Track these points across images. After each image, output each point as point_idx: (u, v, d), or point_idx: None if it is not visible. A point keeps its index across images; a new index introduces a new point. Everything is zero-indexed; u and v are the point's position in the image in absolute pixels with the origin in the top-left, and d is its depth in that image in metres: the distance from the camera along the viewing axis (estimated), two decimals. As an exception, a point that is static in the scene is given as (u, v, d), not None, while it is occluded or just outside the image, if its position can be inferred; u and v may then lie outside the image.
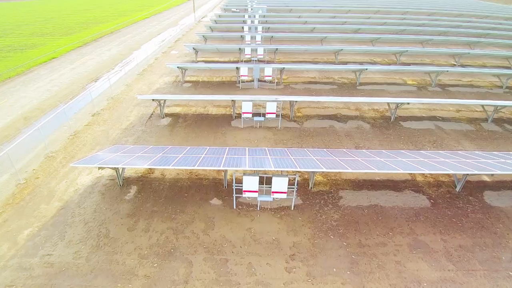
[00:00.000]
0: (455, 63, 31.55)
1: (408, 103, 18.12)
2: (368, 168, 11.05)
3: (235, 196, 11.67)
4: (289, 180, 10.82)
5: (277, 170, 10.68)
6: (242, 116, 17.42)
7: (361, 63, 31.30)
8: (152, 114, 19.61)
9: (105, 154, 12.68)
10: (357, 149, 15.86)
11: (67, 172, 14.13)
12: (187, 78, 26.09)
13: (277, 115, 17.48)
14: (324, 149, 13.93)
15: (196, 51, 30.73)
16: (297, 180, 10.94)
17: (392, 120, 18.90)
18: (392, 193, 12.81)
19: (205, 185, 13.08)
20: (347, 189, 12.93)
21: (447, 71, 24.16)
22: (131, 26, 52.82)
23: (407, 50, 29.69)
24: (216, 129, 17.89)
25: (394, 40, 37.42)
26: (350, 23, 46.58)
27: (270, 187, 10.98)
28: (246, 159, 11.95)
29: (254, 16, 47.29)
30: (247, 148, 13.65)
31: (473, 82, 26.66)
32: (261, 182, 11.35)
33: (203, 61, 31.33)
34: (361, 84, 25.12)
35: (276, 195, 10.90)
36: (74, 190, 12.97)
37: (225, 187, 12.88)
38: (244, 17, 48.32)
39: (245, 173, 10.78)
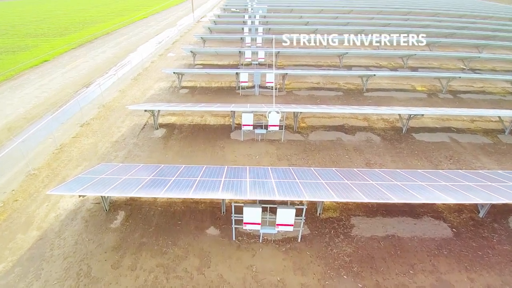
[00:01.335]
0: (464, 67, 30.22)
1: (423, 115, 16.78)
2: (385, 196, 9.73)
3: (235, 227, 10.33)
4: (296, 209, 9.49)
5: (283, 200, 9.37)
6: (243, 128, 16.08)
7: (366, 66, 29.96)
8: (145, 125, 18.24)
9: (89, 176, 11.34)
10: (368, 166, 14.53)
11: (48, 194, 12.76)
12: (184, 84, 24.73)
13: (280, 127, 16.11)
14: (333, 169, 12.60)
15: (194, 54, 29.34)
16: (305, 209, 9.60)
17: (403, 131, 17.57)
18: (409, 221, 11.50)
19: (201, 211, 11.74)
20: (359, 215, 11.61)
21: (460, 77, 22.86)
22: (128, 27, 51.32)
23: (415, 54, 28.36)
24: (214, 142, 16.55)
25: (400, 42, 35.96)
26: (353, 24, 45.17)
27: (274, 218, 9.67)
28: (247, 183, 10.63)
29: (255, 17, 45.87)
30: (247, 168, 12.33)
31: (485, 88, 25.33)
32: (263, 209, 10.02)
33: (201, 64, 29.97)
34: (368, 90, 23.78)
35: (281, 228, 9.59)
36: (55, 216, 11.63)
37: (223, 213, 11.55)
38: (244, 17, 46.92)
39: (245, 203, 9.45)
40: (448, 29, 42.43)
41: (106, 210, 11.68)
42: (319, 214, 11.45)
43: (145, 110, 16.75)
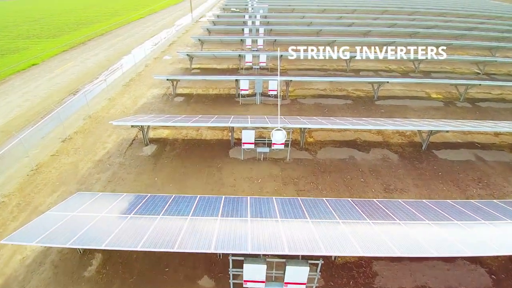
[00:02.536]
0: (479, 71, 28.30)
1: (447, 131, 14.88)
2: (420, 247, 7.85)
3: (233, 282, 8.45)
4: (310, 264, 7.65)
5: (293, 254, 7.49)
6: (243, 146, 14.20)
7: (375, 71, 28.09)
8: (134, 140, 16.38)
9: (58, 214, 9.48)
10: (387, 192, 12.64)
11: (16, 229, 10.90)
12: (179, 90, 22.84)
13: (286, 145, 14.20)
14: (349, 200, 10.75)
15: (190, 57, 27.43)
16: (321, 265, 7.74)
17: (423, 148, 15.68)
18: (441, 265, 9.61)
19: (192, 254, 9.88)
20: (382, 259, 9.73)
21: (480, 84, 20.96)
22: (124, 27, 49.39)
23: (427, 58, 26.39)
24: (210, 161, 14.68)
25: (409, 44, 33.97)
26: (358, 24, 43.24)
27: (282, 273, 7.82)
28: (247, 224, 8.77)
29: (255, 17, 43.92)
30: (248, 199, 10.48)
31: (504, 96, 23.42)
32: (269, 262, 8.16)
33: (198, 68, 28.09)
34: (379, 98, 21.88)
35: (290, 287, 7.73)
36: (21, 260, 9.79)
37: (219, 257, 9.70)
38: (244, 17, 44.97)
39: (246, 257, 7.59)
40: (457, 30, 40.49)
41: (80, 253, 9.83)
42: (335, 258, 9.59)
43: (132, 126, 14.89)
